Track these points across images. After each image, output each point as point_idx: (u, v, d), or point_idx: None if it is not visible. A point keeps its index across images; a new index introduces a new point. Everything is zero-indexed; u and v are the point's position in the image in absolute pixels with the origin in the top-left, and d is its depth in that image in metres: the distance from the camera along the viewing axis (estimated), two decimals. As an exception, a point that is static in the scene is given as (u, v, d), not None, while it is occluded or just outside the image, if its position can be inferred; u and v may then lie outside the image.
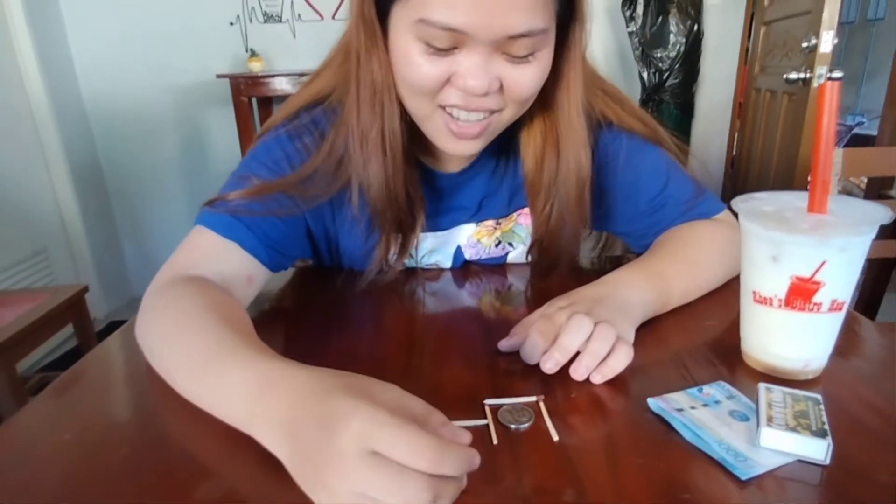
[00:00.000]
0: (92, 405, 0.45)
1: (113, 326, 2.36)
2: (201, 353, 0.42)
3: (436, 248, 0.71)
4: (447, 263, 0.72)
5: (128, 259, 2.73)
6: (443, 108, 0.53)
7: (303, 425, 0.33)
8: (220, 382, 0.39)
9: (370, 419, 0.31)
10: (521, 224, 0.71)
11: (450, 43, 0.48)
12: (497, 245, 0.72)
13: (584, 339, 0.44)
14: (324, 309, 0.62)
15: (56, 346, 2.12)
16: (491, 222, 0.71)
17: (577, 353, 0.45)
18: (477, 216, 0.70)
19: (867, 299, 1.51)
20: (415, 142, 0.60)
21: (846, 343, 0.50)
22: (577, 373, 0.44)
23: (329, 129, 0.60)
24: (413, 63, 0.50)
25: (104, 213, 2.60)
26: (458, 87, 0.50)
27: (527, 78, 0.51)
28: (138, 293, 2.70)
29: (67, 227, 2.38)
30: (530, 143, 0.62)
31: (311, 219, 0.64)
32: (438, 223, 0.68)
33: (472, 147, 0.57)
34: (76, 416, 0.43)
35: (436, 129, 0.56)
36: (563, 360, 0.44)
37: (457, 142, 0.55)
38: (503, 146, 0.65)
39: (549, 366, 0.44)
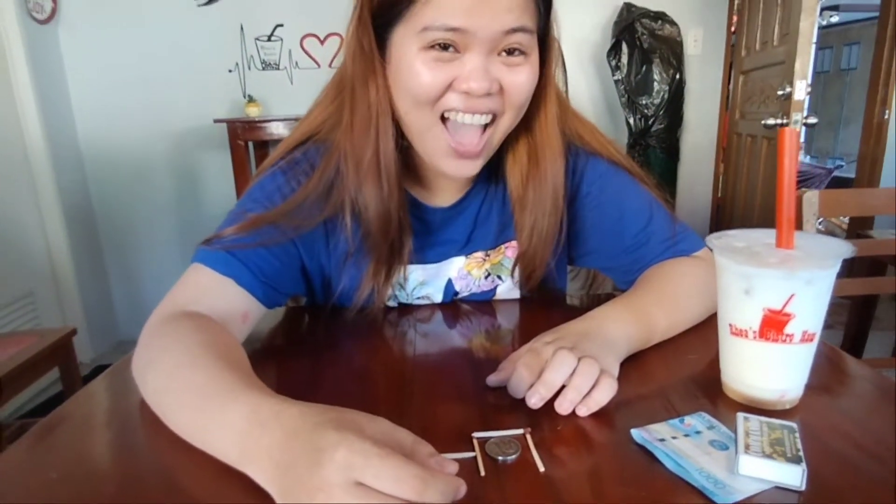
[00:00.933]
0: (78, 445, 0.45)
1: (98, 370, 2.32)
2: (197, 391, 0.43)
3: (426, 281, 0.72)
4: (438, 297, 0.74)
5: (116, 303, 2.71)
6: (443, 120, 0.57)
7: (292, 461, 0.33)
8: (214, 420, 0.40)
9: (355, 450, 0.31)
10: (509, 257, 0.73)
11: (452, 42, 0.53)
12: (486, 277, 0.74)
13: (568, 374, 0.45)
14: (314, 348, 0.63)
15: (37, 392, 2.07)
16: (480, 254, 0.73)
17: (563, 388, 0.46)
18: (466, 249, 0.72)
19: (852, 337, 1.53)
20: (408, 174, 0.63)
21: (822, 375, 0.52)
22: (562, 407, 0.45)
23: (320, 161, 0.63)
24: (417, 73, 0.54)
25: (94, 256, 2.60)
26: (460, 91, 0.54)
27: (522, 79, 0.56)
28: (126, 337, 2.69)
29: (56, 270, 2.37)
30: (517, 165, 0.66)
31: (306, 254, 0.65)
32: (427, 256, 0.70)
33: (473, 167, 0.60)
34: (62, 455, 0.43)
35: (437, 149, 0.59)
36: (548, 395, 0.45)
37: (458, 162, 0.58)
38: (492, 175, 0.69)
39: (535, 400, 0.45)
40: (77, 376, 1.60)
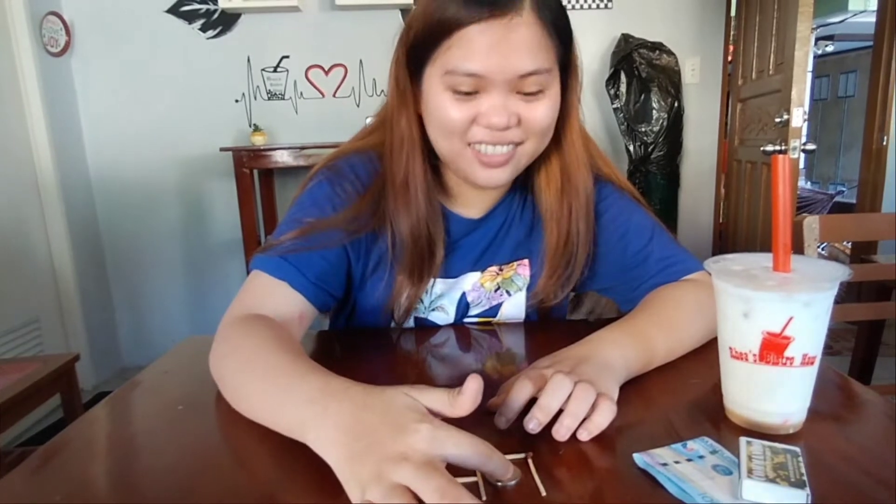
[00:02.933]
0: (80, 471, 0.45)
1: (100, 397, 2.30)
2: (273, 371, 0.48)
3: (443, 294, 0.75)
4: (451, 309, 0.75)
5: (120, 330, 2.71)
6: (471, 145, 0.61)
7: (368, 429, 0.38)
8: (287, 393, 0.45)
9: (438, 429, 0.37)
10: (520, 274, 0.76)
11: (472, 87, 0.58)
12: (496, 290, 0.76)
13: (564, 398, 0.45)
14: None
15: (38, 419, 2.06)
16: (494, 268, 0.75)
17: (562, 413, 0.45)
18: (480, 263, 0.75)
19: (860, 363, 1.51)
20: (440, 187, 0.69)
21: (828, 401, 0.51)
22: (559, 433, 0.45)
23: (364, 172, 0.69)
24: (445, 108, 0.60)
25: (100, 283, 2.61)
26: (482, 125, 0.59)
27: (540, 112, 0.60)
28: (129, 364, 2.68)
29: (62, 297, 2.38)
30: (550, 182, 0.70)
31: (353, 254, 0.68)
32: (448, 269, 0.72)
33: (501, 175, 0.63)
34: (64, 481, 0.43)
35: (467, 165, 0.63)
36: (545, 420, 0.45)
37: (487, 171, 0.62)
38: (518, 192, 0.73)
39: (532, 426, 0.45)
40: (78, 403, 1.59)
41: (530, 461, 0.43)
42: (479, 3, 0.54)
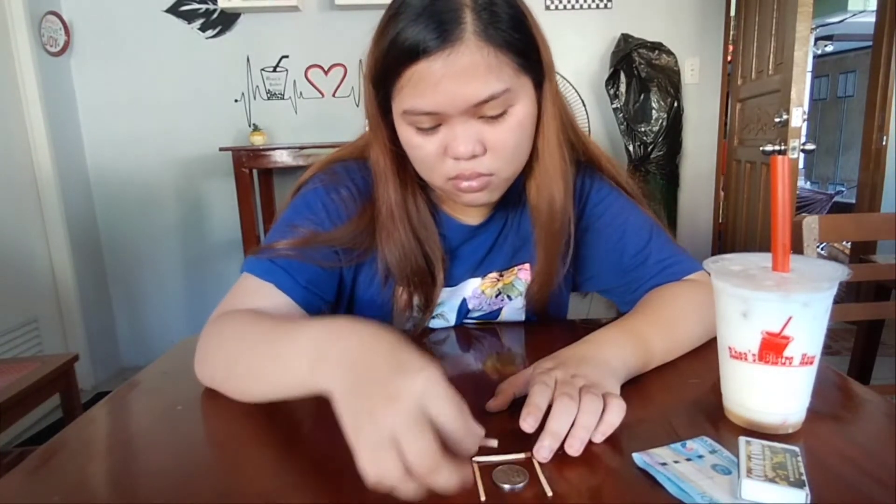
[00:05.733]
0: (79, 471, 0.45)
1: (99, 397, 2.30)
2: (267, 336, 0.48)
3: (443, 301, 0.74)
4: (452, 315, 0.75)
5: (119, 330, 2.71)
6: (449, 180, 0.60)
7: (371, 364, 0.38)
8: (287, 344, 0.45)
9: (434, 382, 0.35)
10: (521, 279, 0.75)
11: (432, 122, 0.57)
12: (497, 296, 0.76)
13: (572, 418, 0.44)
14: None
15: (37, 419, 2.05)
16: (494, 274, 0.75)
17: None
18: (480, 270, 0.74)
19: (859, 363, 1.51)
20: (437, 194, 0.68)
21: (827, 401, 0.51)
22: (573, 448, 0.43)
23: (361, 179, 0.68)
24: (413, 144, 0.59)
25: (99, 283, 2.61)
26: (451, 156, 0.57)
27: (505, 133, 0.58)
28: (128, 364, 2.68)
29: (61, 297, 2.37)
30: (533, 182, 0.67)
31: (346, 261, 0.68)
32: (448, 279, 0.72)
33: (484, 198, 0.63)
34: (63, 481, 0.43)
35: (449, 193, 0.64)
36: (557, 445, 0.43)
37: (469, 195, 0.62)
38: (514, 198, 0.71)
39: (545, 454, 0.43)
40: (78, 403, 1.59)
41: (537, 464, 0.42)
42: (416, 41, 0.52)
